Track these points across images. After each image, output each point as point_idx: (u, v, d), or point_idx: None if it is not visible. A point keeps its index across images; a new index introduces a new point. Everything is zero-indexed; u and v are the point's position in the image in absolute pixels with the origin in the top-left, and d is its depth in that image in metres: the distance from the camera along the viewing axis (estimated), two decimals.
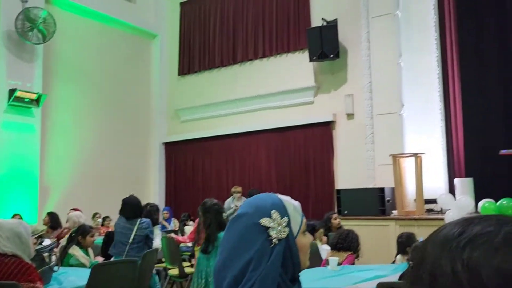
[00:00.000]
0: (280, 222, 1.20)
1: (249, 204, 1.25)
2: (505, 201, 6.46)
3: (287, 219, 1.22)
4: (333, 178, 8.62)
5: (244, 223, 1.20)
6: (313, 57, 8.55)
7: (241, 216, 1.22)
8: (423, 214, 7.27)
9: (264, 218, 1.19)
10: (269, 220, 1.19)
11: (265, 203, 1.23)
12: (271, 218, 1.20)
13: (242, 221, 1.20)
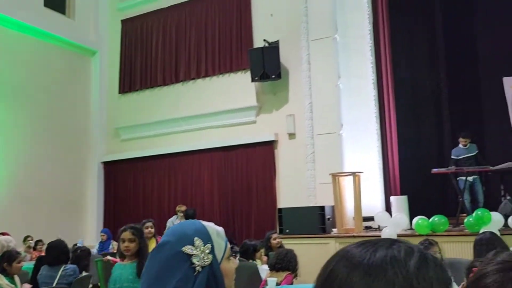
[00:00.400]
0: (203, 249, 1.19)
1: (172, 232, 1.24)
2: (436, 218, 6.76)
3: (211, 246, 1.21)
4: (275, 197, 8.69)
5: (167, 251, 1.18)
6: (255, 78, 8.66)
7: (163, 244, 1.20)
8: (361, 231, 7.46)
9: (187, 246, 1.18)
10: (192, 247, 1.19)
11: (187, 231, 1.22)
12: (194, 246, 1.19)
13: (164, 250, 1.19)
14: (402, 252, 0.69)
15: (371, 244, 0.72)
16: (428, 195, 8.95)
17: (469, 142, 8.24)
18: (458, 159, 8.16)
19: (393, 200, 7.67)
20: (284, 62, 8.71)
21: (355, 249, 0.72)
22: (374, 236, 7.04)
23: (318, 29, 8.45)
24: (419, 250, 0.71)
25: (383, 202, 8.16)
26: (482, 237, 3.92)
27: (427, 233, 6.55)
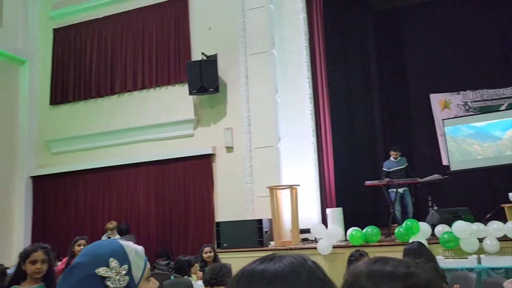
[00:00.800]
0: (119, 270, 1.13)
1: (85, 253, 1.16)
2: (369, 228, 6.96)
3: (127, 267, 1.15)
4: (213, 211, 8.61)
5: (79, 274, 1.10)
6: (193, 91, 8.60)
7: (75, 266, 1.12)
8: (298, 243, 7.55)
9: (101, 267, 1.11)
10: (107, 269, 1.12)
11: (102, 251, 1.15)
12: (109, 267, 1.12)
13: (77, 272, 1.11)
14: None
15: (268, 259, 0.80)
16: (362, 206, 9.23)
17: (399, 155, 8.60)
18: (389, 172, 8.50)
19: (328, 212, 7.83)
20: (222, 75, 8.72)
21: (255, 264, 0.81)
22: (311, 248, 7.16)
23: (255, 44, 8.54)
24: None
25: (320, 214, 8.30)
26: (410, 247, 4.08)
27: (360, 244, 6.74)
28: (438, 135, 9.80)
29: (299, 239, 7.68)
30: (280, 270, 0.79)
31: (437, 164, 9.47)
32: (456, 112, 9.95)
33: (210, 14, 9.01)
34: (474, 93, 9.99)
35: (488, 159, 8.97)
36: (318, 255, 6.97)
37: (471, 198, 8.65)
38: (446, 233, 6.41)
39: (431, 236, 6.72)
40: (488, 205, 8.23)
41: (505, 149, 8.94)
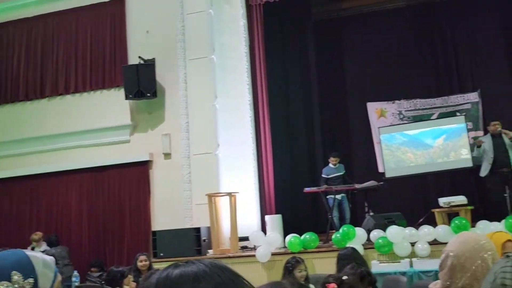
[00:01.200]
0: (22, 284, 0.99)
1: None
2: (308, 235, 6.99)
3: (33, 280, 1.01)
4: (149, 220, 8.35)
5: None
6: (129, 95, 8.33)
7: None
8: (237, 251, 7.45)
9: (2, 282, 0.97)
10: (8, 283, 0.98)
11: (4, 263, 1.01)
12: (11, 281, 0.98)
13: None
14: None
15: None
16: (301, 213, 9.29)
17: (338, 162, 8.74)
18: (328, 178, 8.60)
19: (268, 219, 7.80)
20: (160, 80, 8.51)
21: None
22: (250, 256, 7.08)
23: (195, 49, 8.41)
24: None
25: (259, 222, 8.25)
26: (344, 253, 4.10)
27: (299, 251, 6.74)
28: (375, 142, 10.06)
29: (238, 247, 7.58)
30: (203, 269, 0.80)
31: (373, 171, 9.71)
32: (392, 120, 10.26)
33: (148, 17, 8.78)
34: (408, 103, 10.35)
35: (421, 166, 9.31)
36: (256, 262, 6.91)
37: (404, 203, 8.92)
38: (380, 238, 6.54)
39: (367, 241, 6.83)
40: (421, 210, 8.52)
41: (436, 157, 9.32)
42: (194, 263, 0.81)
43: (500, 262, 0.92)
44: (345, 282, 2.48)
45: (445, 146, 9.31)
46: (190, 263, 0.82)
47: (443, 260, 1.73)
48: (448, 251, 1.73)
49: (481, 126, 9.95)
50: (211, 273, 0.79)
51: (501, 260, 0.93)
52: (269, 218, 7.81)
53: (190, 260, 0.83)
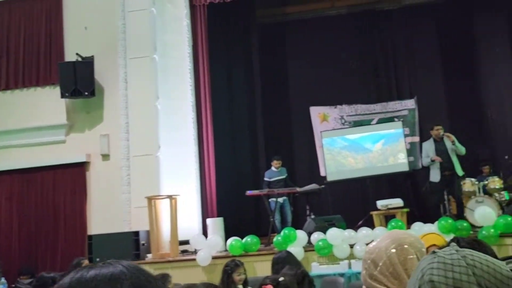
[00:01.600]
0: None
1: None
2: (249, 238, 6.95)
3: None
4: (85, 223, 8.01)
5: None
6: (65, 93, 7.97)
7: None
8: (177, 255, 7.29)
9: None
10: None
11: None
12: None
13: None
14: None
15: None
16: (243, 216, 9.24)
17: (280, 165, 8.77)
18: (270, 181, 8.61)
19: (209, 223, 7.70)
20: (99, 79, 8.21)
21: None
22: (190, 259, 6.94)
23: (136, 47, 8.18)
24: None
25: (200, 225, 8.13)
26: (279, 256, 4.09)
27: (240, 254, 6.68)
28: (317, 146, 10.21)
29: (178, 251, 7.42)
30: (120, 270, 0.79)
31: (315, 175, 9.85)
32: (334, 125, 10.46)
33: (86, 13, 8.44)
34: (349, 108, 10.59)
35: (360, 170, 9.54)
36: (197, 266, 6.79)
37: (345, 206, 9.09)
38: (321, 240, 6.61)
39: (307, 243, 6.88)
40: (360, 213, 8.71)
41: (375, 161, 9.58)
42: (112, 264, 0.81)
43: (427, 258, 0.91)
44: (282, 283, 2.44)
45: (384, 150, 9.59)
46: (107, 265, 0.81)
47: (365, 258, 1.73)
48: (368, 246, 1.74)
49: (417, 132, 10.35)
50: (128, 274, 0.78)
51: (427, 256, 0.91)
52: (210, 221, 7.71)
53: (107, 262, 0.82)
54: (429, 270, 0.88)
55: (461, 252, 0.89)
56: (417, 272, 0.92)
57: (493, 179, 8.02)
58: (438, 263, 0.89)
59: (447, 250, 0.92)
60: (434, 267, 0.88)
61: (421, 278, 0.89)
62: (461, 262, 0.87)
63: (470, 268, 0.85)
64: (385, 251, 1.64)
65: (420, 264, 0.92)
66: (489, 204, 7.32)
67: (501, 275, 0.85)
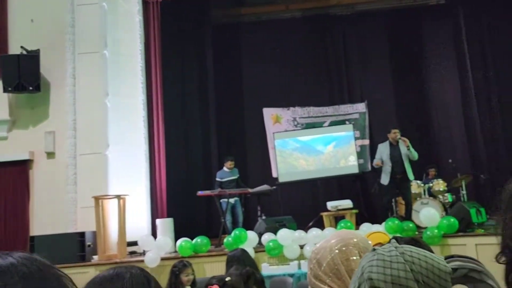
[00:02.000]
0: None
1: None
2: (199, 239, 6.86)
3: None
4: (28, 224, 7.66)
5: None
6: (8, 88, 7.59)
7: None
8: (125, 257, 7.11)
9: None
10: None
11: None
12: None
13: None
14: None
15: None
16: (194, 217, 9.14)
17: (233, 165, 8.73)
18: (222, 182, 8.55)
19: (158, 223, 7.55)
20: (45, 73, 7.88)
21: None
22: (138, 261, 6.76)
23: (86, 42, 7.91)
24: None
25: (150, 226, 7.96)
26: (233, 254, 4.04)
27: (189, 255, 6.59)
28: (269, 148, 10.25)
29: (126, 252, 7.23)
30: (9, 262, 0.76)
31: (267, 176, 9.88)
32: (286, 126, 10.54)
33: (33, 5, 8.09)
34: (302, 110, 10.71)
35: (312, 172, 9.64)
36: (145, 268, 6.62)
37: (296, 207, 9.16)
38: (271, 241, 6.61)
39: (258, 244, 6.87)
40: (311, 214, 8.80)
41: (326, 163, 9.72)
42: (0, 257, 0.78)
43: (367, 256, 0.89)
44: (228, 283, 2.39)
45: (335, 153, 9.75)
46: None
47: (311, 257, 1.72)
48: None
49: (367, 135, 10.59)
50: (18, 265, 0.76)
51: (368, 254, 0.90)
52: (160, 222, 7.56)
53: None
54: (368, 267, 0.88)
55: (400, 249, 0.89)
56: (358, 269, 0.91)
57: (437, 182, 8.31)
58: (377, 260, 0.88)
59: (386, 247, 0.92)
60: (374, 264, 0.87)
61: (360, 276, 0.88)
62: (399, 258, 0.87)
63: (408, 264, 0.86)
64: (329, 251, 1.64)
65: (361, 262, 0.91)
66: (434, 206, 7.58)
67: (438, 271, 0.86)
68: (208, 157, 9.90)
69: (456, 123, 9.99)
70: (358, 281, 0.88)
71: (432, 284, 0.84)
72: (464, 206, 6.53)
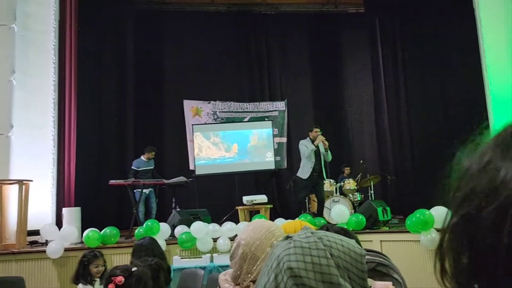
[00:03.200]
0: None
1: None
2: (108, 229, 6.56)
3: None
4: None
5: None
6: None
7: None
8: (25, 247, 6.61)
9: None
10: None
11: None
12: None
13: None
14: None
15: None
16: (105, 207, 8.75)
17: (153, 157, 8.49)
18: (138, 171, 8.27)
19: (65, 212, 7.12)
20: None
21: None
22: (39, 251, 6.32)
23: None
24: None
25: (54, 215, 7.48)
26: (141, 243, 3.88)
27: (97, 246, 6.27)
28: (188, 140, 10.09)
29: (26, 242, 6.72)
30: None
31: (184, 168, 9.71)
32: (206, 120, 10.44)
33: None
34: (223, 104, 10.66)
35: (229, 166, 9.63)
36: (47, 259, 6.21)
37: (212, 201, 9.08)
38: (184, 233, 6.48)
39: (170, 236, 6.72)
40: (226, 207, 8.78)
41: (244, 158, 9.76)
42: None
43: (281, 245, 0.82)
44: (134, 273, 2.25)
45: (253, 148, 9.82)
46: None
47: (235, 248, 1.67)
48: (239, 239, 1.66)
49: (285, 133, 10.79)
50: None
51: (281, 242, 0.83)
52: (66, 211, 7.12)
53: None
54: (286, 256, 0.81)
55: (317, 234, 0.85)
56: (271, 260, 0.84)
57: (348, 181, 8.66)
58: (295, 248, 0.82)
59: (302, 233, 0.87)
60: (291, 252, 0.81)
61: (276, 266, 0.81)
62: (318, 244, 0.83)
63: (327, 250, 0.82)
64: (266, 244, 1.61)
65: (274, 252, 0.84)
66: (344, 204, 7.88)
67: (354, 253, 0.84)
68: (123, 146, 9.54)
69: (368, 126, 10.48)
70: (274, 272, 0.81)
71: (350, 268, 0.82)
72: (372, 204, 6.83)
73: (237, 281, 1.62)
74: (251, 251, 1.62)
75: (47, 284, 6.14)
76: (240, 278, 1.63)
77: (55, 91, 7.67)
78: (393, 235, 6.11)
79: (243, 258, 1.62)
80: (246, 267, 1.62)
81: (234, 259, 1.66)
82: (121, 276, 2.24)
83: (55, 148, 7.60)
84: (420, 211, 5.42)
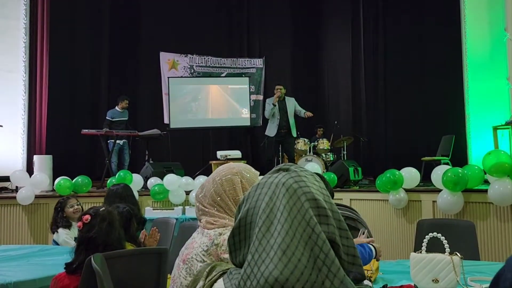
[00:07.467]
0: None
1: None
2: (80, 178, 6.53)
3: None
4: None
5: None
6: None
7: None
8: None
9: None
10: None
11: None
12: None
13: None
14: None
15: None
16: (77, 156, 8.66)
17: (127, 106, 8.38)
18: (112, 121, 8.16)
19: (36, 159, 7.02)
20: None
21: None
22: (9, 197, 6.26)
23: None
24: None
25: (25, 162, 7.37)
26: (115, 189, 3.83)
27: (68, 194, 6.24)
28: (163, 93, 9.94)
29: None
30: None
31: (159, 120, 9.60)
32: (182, 73, 10.27)
33: None
34: (200, 58, 10.49)
35: (204, 121, 9.58)
36: (17, 205, 6.17)
37: (186, 154, 9.08)
38: (157, 185, 6.50)
39: (143, 188, 6.74)
40: (200, 162, 8.80)
41: (219, 113, 9.71)
42: None
43: (281, 174, 0.93)
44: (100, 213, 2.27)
45: (229, 104, 9.76)
46: None
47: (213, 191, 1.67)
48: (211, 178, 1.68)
49: (262, 91, 10.74)
50: None
51: (278, 174, 0.93)
52: (37, 158, 7.02)
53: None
54: (296, 183, 0.85)
55: (298, 166, 0.92)
56: (271, 188, 0.86)
57: (322, 141, 8.74)
58: (300, 176, 0.88)
59: (290, 165, 0.92)
60: (299, 180, 0.86)
61: (293, 193, 0.84)
62: (307, 172, 0.90)
63: (315, 176, 0.91)
64: (212, 183, 1.62)
65: (272, 181, 0.87)
66: (317, 162, 7.98)
67: (323, 184, 0.92)
68: (97, 95, 9.35)
69: (344, 87, 10.48)
70: (286, 197, 0.83)
71: (326, 193, 0.88)
72: (344, 164, 6.94)
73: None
74: (202, 193, 1.65)
75: (17, 230, 6.12)
76: (198, 214, 1.65)
77: (26, 34, 7.40)
78: (362, 194, 6.25)
79: (196, 201, 1.65)
80: (198, 208, 1.65)
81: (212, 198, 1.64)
82: (88, 215, 2.27)
83: (26, 94, 7.41)
84: (391, 171, 5.55)
